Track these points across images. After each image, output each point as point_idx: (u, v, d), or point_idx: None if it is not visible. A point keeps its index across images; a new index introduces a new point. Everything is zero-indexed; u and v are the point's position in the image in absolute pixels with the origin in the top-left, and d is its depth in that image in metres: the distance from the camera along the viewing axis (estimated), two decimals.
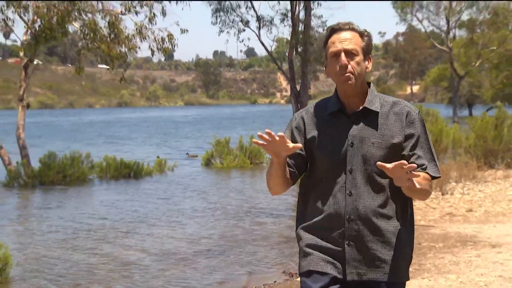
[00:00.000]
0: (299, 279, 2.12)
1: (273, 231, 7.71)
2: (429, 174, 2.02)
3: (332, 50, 2.03)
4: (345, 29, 2.05)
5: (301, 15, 14.73)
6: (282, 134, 1.92)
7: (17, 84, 14.82)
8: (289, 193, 2.22)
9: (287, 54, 15.45)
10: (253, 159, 15.73)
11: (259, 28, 15.66)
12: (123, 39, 12.82)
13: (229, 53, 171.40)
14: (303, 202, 2.15)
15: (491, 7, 31.21)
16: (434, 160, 2.06)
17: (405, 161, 1.83)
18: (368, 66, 2.06)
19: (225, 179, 13.96)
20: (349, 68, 2.00)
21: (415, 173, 1.85)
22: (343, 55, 2.01)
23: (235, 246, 6.92)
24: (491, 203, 7.95)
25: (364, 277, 2.02)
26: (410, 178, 1.84)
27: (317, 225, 2.07)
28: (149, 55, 14.51)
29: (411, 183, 1.85)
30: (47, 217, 9.16)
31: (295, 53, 14.87)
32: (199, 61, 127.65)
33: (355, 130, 2.03)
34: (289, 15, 14.96)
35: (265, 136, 1.92)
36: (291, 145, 1.94)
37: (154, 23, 13.20)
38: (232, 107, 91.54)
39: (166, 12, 13.36)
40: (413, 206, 2.13)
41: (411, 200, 2.09)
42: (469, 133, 11.61)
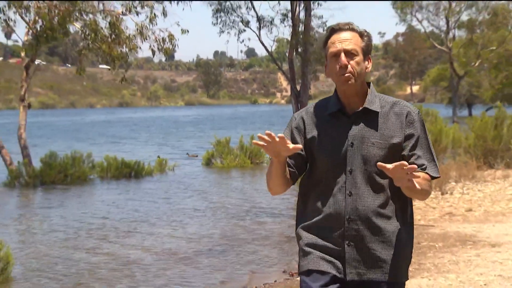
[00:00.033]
0: (299, 278, 2.13)
1: (274, 231, 7.71)
2: (428, 174, 2.02)
3: (332, 50, 2.03)
4: (345, 29, 2.04)
5: (301, 15, 14.74)
6: (282, 135, 1.92)
7: (19, 84, 14.85)
8: (289, 192, 2.23)
9: (287, 54, 15.43)
10: (253, 159, 15.73)
11: (260, 28, 15.64)
12: (124, 39, 12.84)
13: (229, 54, 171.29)
14: (303, 202, 2.15)
15: (490, 8, 31.23)
16: (433, 160, 2.06)
17: (405, 162, 1.83)
18: (368, 66, 2.06)
19: (226, 179, 13.97)
20: (349, 68, 1.99)
21: (416, 174, 1.85)
22: (343, 55, 2.00)
23: (236, 245, 6.92)
24: (491, 203, 7.95)
25: (364, 277, 2.02)
26: (410, 179, 1.84)
27: (317, 225, 2.07)
28: (150, 55, 14.54)
29: (412, 183, 1.85)
30: (48, 216, 9.18)
31: (295, 53, 14.86)
32: (200, 61, 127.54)
33: (355, 130, 2.03)
34: (289, 15, 14.95)
35: (265, 137, 1.92)
36: (291, 146, 1.93)
37: (155, 23, 13.23)
38: (232, 107, 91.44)
39: (167, 12, 13.38)
40: (413, 205, 2.14)
41: (411, 200, 2.09)
42: (468, 133, 11.60)
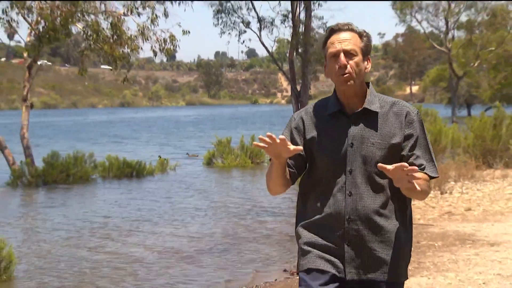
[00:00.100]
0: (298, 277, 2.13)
1: (275, 230, 7.73)
2: (427, 174, 2.03)
3: (331, 50, 2.03)
4: (344, 30, 2.04)
5: (302, 16, 14.79)
6: (283, 137, 1.92)
7: (21, 84, 14.88)
8: (290, 191, 2.26)
9: (288, 54, 15.47)
10: (254, 159, 15.75)
11: (260, 29, 15.68)
12: (125, 40, 12.89)
13: (230, 54, 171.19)
14: (302, 202, 2.15)
15: (489, 8, 31.22)
16: (432, 160, 2.06)
17: (405, 164, 1.83)
18: (367, 66, 2.06)
19: (227, 178, 13.99)
20: (348, 68, 2.00)
21: (416, 175, 1.86)
22: (342, 55, 2.00)
23: (237, 244, 6.94)
24: (490, 202, 7.97)
25: (363, 277, 2.03)
26: (410, 180, 1.85)
27: (316, 224, 2.07)
28: (151, 56, 14.59)
29: (412, 185, 1.86)
30: (51, 215, 9.20)
31: (295, 53, 14.90)
32: (201, 62, 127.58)
33: (355, 130, 2.03)
34: (290, 16, 15.00)
35: (266, 139, 1.92)
36: (292, 148, 1.93)
37: (156, 24, 13.28)
38: (233, 107, 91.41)
39: (168, 13, 13.43)
40: (413, 205, 2.16)
41: (410, 199, 2.10)
42: (467, 133, 11.62)
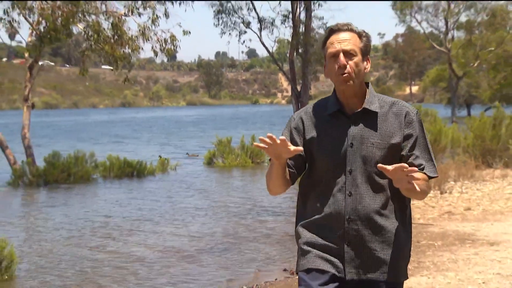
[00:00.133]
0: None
1: (275, 229, 7.75)
2: (426, 174, 2.03)
3: (330, 50, 2.03)
4: (344, 30, 2.04)
5: (302, 16, 14.80)
6: (283, 137, 1.93)
7: (22, 84, 14.91)
8: (291, 191, 2.30)
9: (288, 55, 15.48)
10: (254, 159, 15.76)
11: (261, 29, 15.68)
12: (126, 40, 12.92)
13: (230, 54, 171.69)
14: (302, 202, 2.15)
15: (489, 9, 31.23)
16: (431, 160, 2.06)
17: (405, 164, 1.84)
18: (366, 66, 2.06)
19: (227, 178, 14.01)
20: (348, 68, 2.00)
21: (416, 176, 1.87)
22: (341, 55, 2.00)
23: (237, 243, 6.96)
24: (489, 202, 7.99)
25: (363, 277, 2.03)
26: (410, 181, 1.86)
27: (316, 224, 2.07)
28: (152, 56, 14.62)
29: (412, 186, 1.86)
30: (52, 215, 9.22)
31: (296, 54, 14.92)
32: (202, 62, 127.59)
33: (354, 130, 2.03)
34: (290, 16, 15.02)
35: (266, 139, 1.92)
36: (292, 148, 1.94)
37: (157, 24, 13.31)
38: (233, 107, 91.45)
39: (168, 13, 13.46)
40: (412, 204, 2.18)
41: (409, 199, 2.10)
42: (467, 133, 11.64)
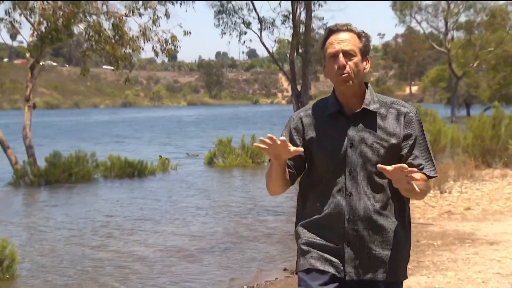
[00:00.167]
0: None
1: (276, 229, 7.77)
2: (426, 174, 2.04)
3: (330, 51, 2.03)
4: (343, 30, 2.05)
5: (302, 16, 14.83)
6: (284, 138, 1.93)
7: (24, 84, 14.95)
8: (291, 191, 2.34)
9: (288, 55, 15.50)
10: (254, 158, 15.77)
11: (261, 29, 15.70)
12: (127, 40, 12.96)
13: (231, 54, 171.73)
14: (302, 202, 2.15)
15: (488, 9, 31.25)
16: (431, 160, 2.07)
17: (405, 165, 1.84)
18: (366, 66, 2.07)
19: (228, 178, 14.04)
20: (347, 68, 2.00)
21: (415, 177, 1.87)
22: (341, 55, 2.01)
23: (238, 243, 6.98)
24: (489, 202, 8.01)
25: (363, 277, 2.03)
26: (409, 181, 1.86)
27: (316, 224, 2.07)
28: (153, 56, 14.71)
29: (411, 186, 1.87)
30: (53, 214, 9.24)
31: (296, 54, 14.95)
32: (202, 62, 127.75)
33: (354, 130, 2.03)
34: (290, 16, 15.05)
35: (267, 140, 1.93)
36: (292, 149, 1.94)
37: (158, 25, 13.35)
38: (234, 107, 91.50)
39: (169, 14, 13.49)
40: (412, 204, 2.21)
41: (408, 199, 2.11)
42: (467, 132, 11.64)
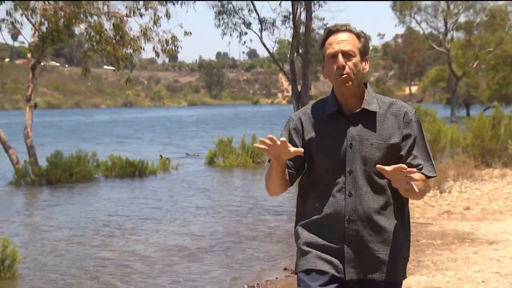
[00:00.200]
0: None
1: (276, 228, 7.79)
2: (424, 174, 2.05)
3: (329, 51, 2.04)
4: (342, 31, 2.05)
5: (303, 17, 14.86)
6: (284, 139, 1.93)
7: (25, 84, 14.99)
8: (292, 190, 2.38)
9: (289, 55, 15.52)
10: (255, 158, 15.79)
11: (261, 30, 15.71)
12: (128, 40, 12.99)
13: (231, 55, 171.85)
14: (302, 202, 2.16)
15: (488, 9, 31.31)
16: (430, 160, 2.07)
17: (404, 165, 1.85)
18: (365, 67, 2.07)
19: (228, 178, 14.06)
20: (347, 69, 2.01)
21: (414, 177, 1.88)
22: (340, 56, 2.01)
23: (239, 242, 7.00)
24: (488, 201, 8.03)
25: (363, 277, 2.03)
26: (408, 181, 1.87)
27: (316, 224, 2.08)
28: (153, 57, 14.77)
29: (410, 186, 1.88)
30: (55, 214, 9.27)
31: (296, 54, 14.98)
32: (203, 62, 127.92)
33: (353, 131, 2.04)
34: (291, 17, 15.07)
35: (267, 141, 1.93)
36: (292, 149, 1.94)
37: (158, 25, 13.39)
38: (234, 107, 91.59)
39: (170, 14, 13.53)
40: (412, 204, 2.24)
41: (407, 199, 2.11)
42: (466, 132, 11.68)
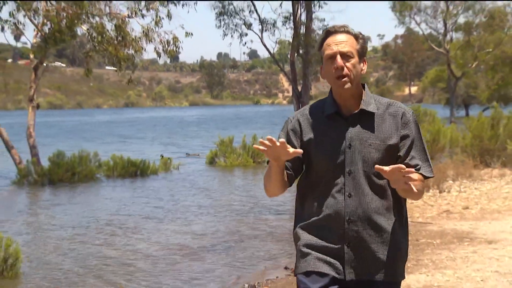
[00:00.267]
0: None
1: (277, 227, 7.83)
2: (422, 174, 2.05)
3: (328, 52, 2.04)
4: (340, 32, 2.06)
5: (303, 18, 14.90)
6: (283, 140, 1.93)
7: (27, 85, 15.05)
8: (293, 190, 2.45)
9: (289, 56, 15.54)
10: (255, 158, 15.82)
11: (262, 30, 15.72)
12: (130, 41, 13.06)
13: (232, 55, 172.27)
14: (300, 203, 2.15)
15: (487, 10, 31.32)
16: (427, 160, 2.08)
17: (402, 165, 1.86)
18: (363, 68, 2.07)
19: (229, 177, 14.11)
20: (345, 70, 2.01)
21: (413, 177, 1.88)
22: (339, 57, 2.02)
23: (239, 242, 7.05)
24: (487, 201, 8.06)
25: (362, 277, 2.03)
26: (407, 181, 1.88)
27: (316, 226, 2.07)
28: (155, 57, 14.85)
29: (409, 186, 1.88)
30: (57, 213, 9.32)
31: (296, 55, 15.00)
32: (204, 63, 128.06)
33: (352, 132, 2.04)
34: (291, 18, 15.11)
35: (266, 142, 1.93)
36: (291, 151, 1.94)
37: (160, 25, 13.46)
38: (235, 108, 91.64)
39: (171, 15, 13.60)
40: (412, 203, 2.29)
41: (405, 199, 2.12)
42: (465, 132, 11.69)
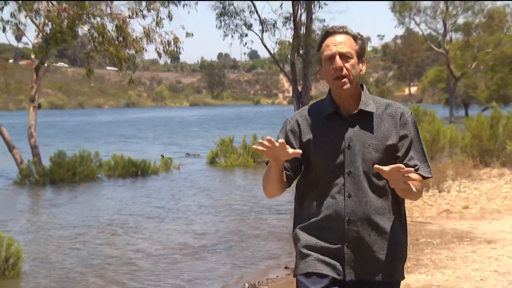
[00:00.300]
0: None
1: (277, 227, 7.86)
2: (421, 174, 2.06)
3: (326, 53, 2.04)
4: (339, 33, 2.06)
5: (303, 18, 14.93)
6: (282, 141, 1.93)
7: (29, 85, 15.10)
8: (292, 190, 2.48)
9: (289, 56, 15.57)
10: (256, 158, 15.85)
11: (262, 31, 15.73)
12: (130, 42, 13.10)
13: (233, 55, 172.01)
14: (300, 204, 2.15)
15: (486, 11, 31.36)
16: (426, 161, 2.08)
17: (402, 165, 1.86)
18: (362, 68, 2.08)
19: (229, 177, 14.15)
20: (344, 71, 2.02)
21: (412, 177, 1.89)
22: (338, 58, 2.02)
23: (240, 241, 7.07)
24: (487, 201, 8.07)
25: (362, 277, 2.03)
26: (406, 181, 1.88)
27: (315, 227, 2.07)
28: (156, 57, 14.89)
29: (408, 186, 1.89)
30: (58, 213, 9.34)
31: (297, 55, 15.01)
32: (204, 63, 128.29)
33: (351, 132, 2.04)
34: (291, 18, 15.14)
35: (265, 142, 1.93)
36: (291, 151, 1.94)
37: (161, 26, 13.50)
38: (236, 108, 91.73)
39: (172, 16, 13.64)
40: (411, 203, 2.31)
41: (403, 199, 2.12)
42: (465, 132, 11.69)
